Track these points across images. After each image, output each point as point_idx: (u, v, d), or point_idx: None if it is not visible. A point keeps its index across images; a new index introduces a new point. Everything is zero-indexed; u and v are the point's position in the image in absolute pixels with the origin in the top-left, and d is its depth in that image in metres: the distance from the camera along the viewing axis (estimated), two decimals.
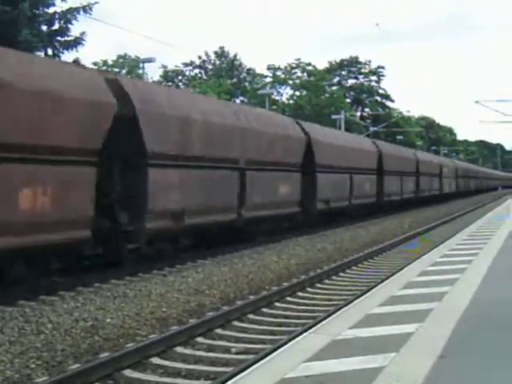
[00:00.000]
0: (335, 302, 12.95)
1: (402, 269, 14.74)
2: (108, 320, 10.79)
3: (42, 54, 27.01)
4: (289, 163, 23.70)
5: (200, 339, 10.04)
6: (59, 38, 29.16)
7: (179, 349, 9.46)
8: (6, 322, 10.43)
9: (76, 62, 27.19)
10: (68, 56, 28.46)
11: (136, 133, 14.97)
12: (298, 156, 24.64)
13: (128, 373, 8.33)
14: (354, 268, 17.78)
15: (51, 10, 28.93)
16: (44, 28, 28.85)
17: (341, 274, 16.72)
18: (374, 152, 36.54)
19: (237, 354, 9.43)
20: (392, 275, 13.80)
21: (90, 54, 47.03)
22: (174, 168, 16.53)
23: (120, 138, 14.21)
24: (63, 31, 29.10)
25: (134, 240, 15.52)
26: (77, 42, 29.29)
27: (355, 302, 10.39)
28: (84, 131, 13.20)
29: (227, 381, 6.52)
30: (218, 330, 10.63)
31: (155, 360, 8.90)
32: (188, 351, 9.46)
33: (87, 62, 49.47)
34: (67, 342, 9.45)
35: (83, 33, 29.29)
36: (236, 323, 11.18)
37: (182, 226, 16.92)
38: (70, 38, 29.26)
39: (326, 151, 27.10)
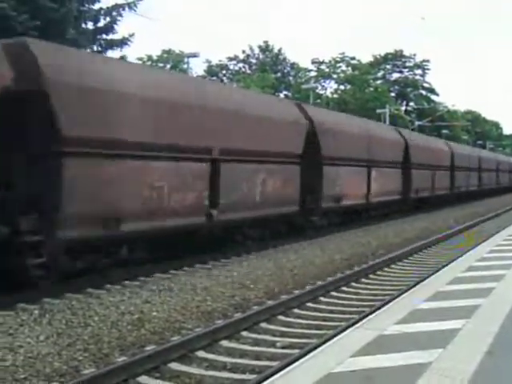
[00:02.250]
0: (381, 297, 12.84)
1: (448, 264, 14.54)
2: (154, 313, 10.90)
3: (88, 51, 27.12)
4: (395, 162, 31.27)
5: (245, 333, 10.08)
6: (104, 36, 29.29)
7: (224, 342, 9.50)
8: (53, 314, 10.61)
9: (122, 58, 27.26)
10: (112, 54, 28.44)
11: (314, 142, 21.92)
12: (399, 156, 32.02)
13: (174, 366, 8.39)
14: (399, 263, 17.63)
15: (96, 7, 29.11)
16: (89, 25, 29.00)
17: (386, 269, 16.59)
18: (448, 151, 43.65)
19: (282, 348, 9.44)
20: (438, 270, 13.62)
21: (134, 49, 47.21)
22: (336, 166, 23.82)
23: (305, 145, 21.16)
24: (108, 29, 29.19)
25: (314, 215, 22.79)
26: (123, 42, 29.34)
27: (401, 297, 10.30)
28: (295, 142, 20.75)
29: (272, 375, 6.51)
30: (263, 324, 10.64)
31: (200, 353, 8.94)
32: (233, 345, 9.49)
33: (131, 57, 49.65)
34: (114, 335, 9.57)
35: (132, 34, 29.34)
36: (281, 317, 11.18)
37: (341, 207, 24.49)
38: (116, 38, 29.34)
39: (418, 152, 34.26)
